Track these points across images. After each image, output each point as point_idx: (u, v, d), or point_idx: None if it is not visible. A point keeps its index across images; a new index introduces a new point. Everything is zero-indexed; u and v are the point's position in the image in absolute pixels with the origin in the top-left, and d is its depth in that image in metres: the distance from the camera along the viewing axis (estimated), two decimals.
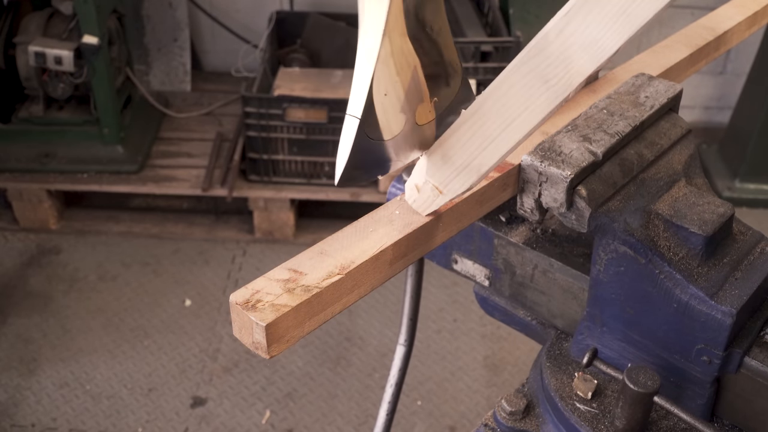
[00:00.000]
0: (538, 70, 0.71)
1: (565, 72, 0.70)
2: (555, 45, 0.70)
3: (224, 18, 3.83)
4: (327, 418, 2.58)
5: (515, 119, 0.72)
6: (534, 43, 0.71)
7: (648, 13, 0.67)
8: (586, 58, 0.69)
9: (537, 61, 0.71)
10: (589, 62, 0.69)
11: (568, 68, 0.70)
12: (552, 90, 0.70)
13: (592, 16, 0.68)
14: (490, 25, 3.31)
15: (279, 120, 3.05)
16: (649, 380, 0.84)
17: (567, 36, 0.69)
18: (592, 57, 0.69)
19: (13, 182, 3.21)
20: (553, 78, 0.70)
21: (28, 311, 2.93)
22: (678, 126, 0.98)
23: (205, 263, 3.16)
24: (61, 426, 2.53)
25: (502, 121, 0.72)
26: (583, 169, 0.85)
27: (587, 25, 0.68)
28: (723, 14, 1.26)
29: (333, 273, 0.72)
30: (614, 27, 0.67)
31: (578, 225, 0.86)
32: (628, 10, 0.66)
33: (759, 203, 3.53)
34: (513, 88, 0.71)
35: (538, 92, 0.71)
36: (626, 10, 0.66)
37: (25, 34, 3.06)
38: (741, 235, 0.93)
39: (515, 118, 0.72)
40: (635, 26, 0.67)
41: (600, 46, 0.68)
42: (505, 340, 2.85)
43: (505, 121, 0.72)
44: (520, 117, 0.71)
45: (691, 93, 3.89)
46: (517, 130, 0.72)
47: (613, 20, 0.67)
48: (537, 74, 0.71)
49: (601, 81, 1.06)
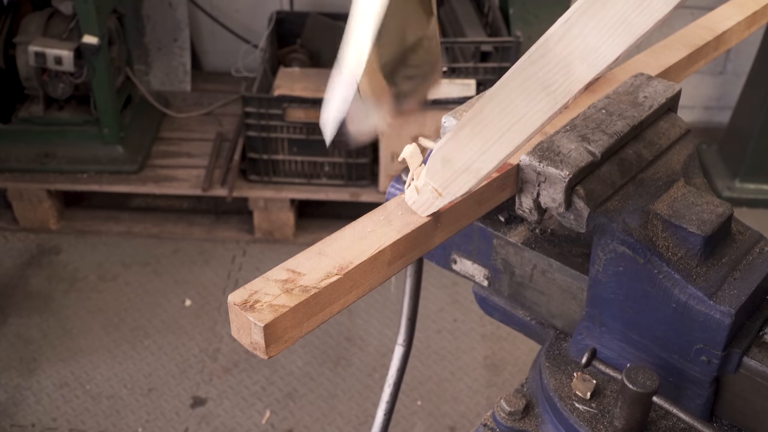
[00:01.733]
0: (539, 75, 0.71)
1: (564, 78, 0.70)
2: (555, 51, 0.70)
3: (224, 18, 3.83)
4: (327, 418, 2.58)
5: (515, 124, 0.73)
6: (535, 48, 0.71)
7: (648, 22, 0.68)
8: (585, 65, 0.70)
9: (537, 67, 0.71)
10: (588, 70, 0.70)
11: (568, 75, 0.70)
12: (552, 96, 0.71)
13: (592, 24, 0.68)
14: (490, 25, 3.31)
15: (279, 120, 3.05)
16: (648, 380, 0.84)
17: (567, 43, 0.70)
18: (591, 65, 0.69)
19: (13, 182, 3.21)
20: (553, 84, 0.71)
21: (28, 311, 2.93)
22: (677, 126, 0.98)
23: (205, 263, 3.16)
24: (61, 426, 2.53)
25: (502, 126, 0.73)
26: (581, 169, 0.85)
27: (587, 33, 0.69)
28: (722, 14, 1.26)
29: (331, 273, 0.72)
30: (614, 36, 0.68)
31: (577, 225, 0.86)
32: (629, 19, 0.67)
33: (759, 203, 3.53)
34: (513, 93, 0.72)
35: (538, 97, 0.71)
36: (626, 19, 0.67)
37: (25, 34, 3.06)
38: (740, 235, 0.93)
39: (515, 123, 0.73)
40: (635, 35, 0.68)
41: (599, 54, 0.69)
42: (505, 340, 2.85)
43: (504, 125, 0.73)
44: (520, 122, 0.72)
45: (691, 93, 3.89)
46: (517, 134, 0.72)
47: (613, 29, 0.68)
48: (537, 80, 0.71)
49: (599, 81, 1.06)
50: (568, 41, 0.69)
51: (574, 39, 0.69)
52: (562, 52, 0.70)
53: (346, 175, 3.18)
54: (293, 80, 3.24)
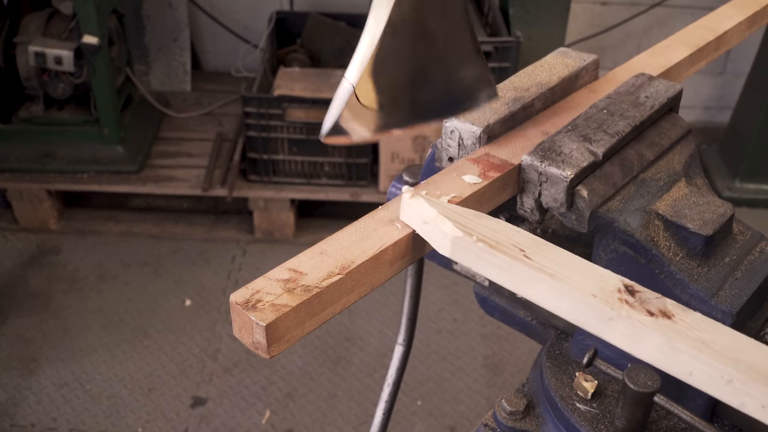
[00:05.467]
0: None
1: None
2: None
3: (224, 18, 3.83)
4: (327, 418, 2.58)
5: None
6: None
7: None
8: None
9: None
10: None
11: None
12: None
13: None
14: (490, 25, 3.31)
15: (279, 120, 3.05)
16: (649, 380, 0.84)
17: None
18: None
19: (13, 182, 3.21)
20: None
21: (28, 311, 2.93)
22: (678, 126, 0.98)
23: (205, 263, 3.16)
24: (61, 426, 2.53)
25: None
26: (583, 169, 0.85)
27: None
28: (723, 14, 1.26)
29: (333, 273, 0.72)
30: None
31: (578, 225, 0.86)
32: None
33: (759, 203, 3.53)
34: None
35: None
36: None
37: (25, 34, 3.06)
38: (741, 235, 0.93)
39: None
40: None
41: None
42: (505, 340, 2.85)
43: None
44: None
45: (691, 93, 3.90)
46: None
47: None
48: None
49: (601, 81, 1.06)
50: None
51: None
52: None
53: (346, 175, 3.18)
54: (293, 80, 3.24)
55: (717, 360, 0.62)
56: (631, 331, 0.65)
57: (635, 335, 0.65)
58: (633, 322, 0.65)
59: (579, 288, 0.68)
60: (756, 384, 0.60)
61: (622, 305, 0.66)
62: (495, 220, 0.76)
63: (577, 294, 0.67)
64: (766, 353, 0.63)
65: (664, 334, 0.64)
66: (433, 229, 0.74)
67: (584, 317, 0.68)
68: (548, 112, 0.98)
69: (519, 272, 0.70)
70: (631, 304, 0.67)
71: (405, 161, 3.07)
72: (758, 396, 0.60)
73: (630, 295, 0.67)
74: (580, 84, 1.04)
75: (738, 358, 0.62)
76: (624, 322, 0.66)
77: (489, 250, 0.71)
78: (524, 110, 0.95)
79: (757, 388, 0.60)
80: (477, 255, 0.72)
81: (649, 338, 0.65)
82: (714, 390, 0.62)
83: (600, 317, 0.67)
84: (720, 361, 0.62)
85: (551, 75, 1.01)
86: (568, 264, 0.71)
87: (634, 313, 0.66)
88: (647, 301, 0.67)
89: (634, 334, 0.65)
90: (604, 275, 0.70)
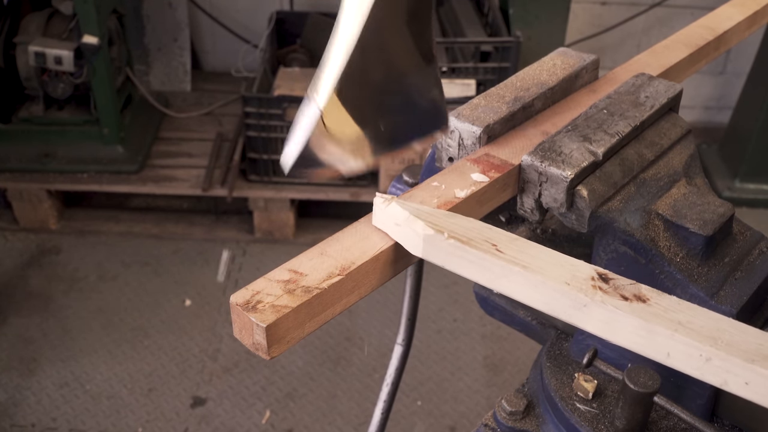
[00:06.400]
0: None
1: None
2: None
3: (224, 18, 3.83)
4: (327, 418, 2.58)
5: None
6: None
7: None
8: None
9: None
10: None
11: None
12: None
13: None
14: (490, 25, 3.31)
15: (279, 120, 3.05)
16: (649, 380, 0.84)
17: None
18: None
19: (13, 182, 3.21)
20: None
21: (28, 311, 2.93)
22: (678, 126, 0.98)
23: (205, 263, 3.16)
24: (61, 426, 2.53)
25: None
26: (583, 169, 0.85)
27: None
28: (723, 14, 1.26)
29: (333, 274, 0.71)
30: None
31: (578, 225, 0.86)
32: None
33: (759, 203, 3.53)
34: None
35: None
36: None
37: (25, 34, 3.07)
38: (741, 235, 0.93)
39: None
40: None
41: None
42: (505, 340, 2.85)
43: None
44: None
45: (691, 93, 3.90)
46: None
47: None
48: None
49: (601, 81, 1.06)
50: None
51: None
52: None
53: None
54: (293, 80, 3.24)
55: (694, 339, 0.62)
56: (607, 317, 0.66)
57: (610, 320, 0.65)
58: (608, 307, 0.65)
59: (552, 277, 0.68)
60: (736, 359, 0.60)
61: (596, 291, 0.66)
62: (467, 219, 0.75)
63: (550, 283, 0.68)
64: (744, 331, 0.63)
65: (639, 317, 0.64)
66: (405, 231, 0.74)
67: (559, 306, 0.68)
68: (548, 112, 0.98)
69: (492, 266, 0.70)
70: (605, 290, 0.67)
71: (405, 161, 3.07)
72: (740, 372, 0.60)
73: (604, 282, 0.67)
74: (580, 84, 1.04)
75: (715, 336, 0.62)
76: (599, 307, 0.66)
77: (461, 246, 0.71)
78: (524, 110, 0.95)
79: (737, 363, 0.60)
80: (449, 252, 0.72)
81: (624, 322, 0.65)
82: (693, 370, 0.62)
83: (574, 304, 0.67)
84: (697, 340, 0.62)
85: (551, 75, 1.01)
86: (540, 256, 0.71)
87: (608, 299, 0.66)
88: (621, 287, 0.67)
89: (609, 320, 0.65)
90: (577, 264, 0.70)
